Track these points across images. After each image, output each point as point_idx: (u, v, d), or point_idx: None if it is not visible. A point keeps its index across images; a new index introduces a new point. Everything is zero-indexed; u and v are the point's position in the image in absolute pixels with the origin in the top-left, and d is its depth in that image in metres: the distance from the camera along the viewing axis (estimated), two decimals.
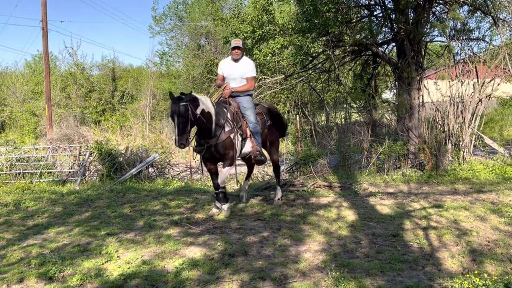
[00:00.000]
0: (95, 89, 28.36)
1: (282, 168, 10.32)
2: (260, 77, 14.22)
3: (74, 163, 11.74)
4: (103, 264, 4.64)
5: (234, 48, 6.92)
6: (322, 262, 4.54)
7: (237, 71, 6.96)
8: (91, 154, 11.58)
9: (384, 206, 7.09)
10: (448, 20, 10.48)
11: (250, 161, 7.49)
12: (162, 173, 11.42)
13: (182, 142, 5.94)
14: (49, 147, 12.49)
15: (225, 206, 6.77)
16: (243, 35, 13.19)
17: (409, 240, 5.23)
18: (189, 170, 11.47)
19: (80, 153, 11.84)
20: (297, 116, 12.61)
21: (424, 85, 11.08)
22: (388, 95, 19.76)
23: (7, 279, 4.28)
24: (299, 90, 15.93)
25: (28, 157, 11.94)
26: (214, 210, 6.86)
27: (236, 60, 6.97)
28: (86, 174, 11.39)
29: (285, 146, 13.10)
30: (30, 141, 17.92)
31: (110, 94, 28.75)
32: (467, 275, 3.98)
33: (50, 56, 24.88)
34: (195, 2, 29.35)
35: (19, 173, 11.28)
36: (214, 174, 6.89)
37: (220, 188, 6.74)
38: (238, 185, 9.69)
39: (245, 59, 7.08)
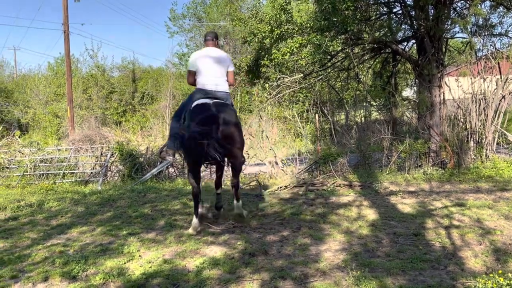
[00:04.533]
0: (116, 91, 28.72)
1: (301, 167, 10.29)
2: (278, 76, 14.21)
3: (96, 164, 11.90)
4: (125, 263, 4.69)
5: None
6: (342, 262, 4.52)
7: None
8: (112, 154, 11.72)
9: (405, 205, 7.03)
10: (470, 15, 10.31)
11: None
12: (182, 173, 11.49)
13: None
14: (72, 148, 12.69)
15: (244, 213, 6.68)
16: (261, 34, 13.21)
17: (431, 239, 5.17)
18: (208, 170, 11.52)
19: (101, 153, 11.99)
20: (316, 115, 12.58)
21: (445, 82, 10.93)
22: (408, 92, 19.56)
23: (33, 278, 4.36)
24: (318, 88, 15.88)
25: (51, 158, 12.14)
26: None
27: None
28: (108, 175, 11.53)
29: (305, 145, 13.06)
30: (53, 142, 18.23)
31: (130, 95, 29.08)
32: (491, 275, 3.92)
33: (72, 59, 25.30)
34: (213, 2, 29.48)
35: (42, 174, 11.47)
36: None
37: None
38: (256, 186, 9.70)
39: None
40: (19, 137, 15.11)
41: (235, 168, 6.39)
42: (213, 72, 6.20)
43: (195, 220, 5.87)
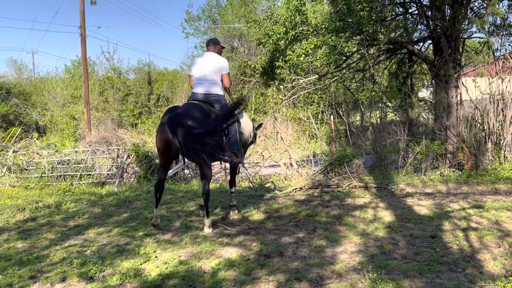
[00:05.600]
0: (132, 93, 28.97)
1: (316, 169, 10.27)
2: (293, 77, 14.20)
3: (112, 165, 12.02)
4: (141, 264, 4.72)
5: None
6: (358, 264, 4.50)
7: None
8: (128, 156, 11.83)
9: (422, 207, 6.96)
10: (487, 15, 10.18)
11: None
12: (198, 175, 11.53)
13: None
14: (88, 150, 12.84)
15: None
16: (276, 36, 13.18)
17: (449, 242, 5.11)
18: (223, 171, 11.55)
19: (118, 155, 12.11)
20: (331, 116, 12.53)
21: (462, 82, 10.80)
22: (424, 93, 19.38)
23: (51, 278, 4.41)
24: (333, 90, 15.82)
25: (68, 159, 12.31)
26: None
27: None
28: (124, 176, 11.64)
29: (320, 146, 13.03)
30: (70, 144, 18.47)
31: (146, 98, 29.30)
32: (510, 278, 3.86)
33: (88, 61, 25.58)
34: (228, 4, 29.58)
35: (60, 176, 11.63)
36: None
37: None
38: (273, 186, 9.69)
39: None
40: (37, 139, 15.34)
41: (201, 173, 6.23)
42: (204, 76, 6.50)
43: (155, 212, 6.21)
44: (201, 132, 5.55)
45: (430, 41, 11.96)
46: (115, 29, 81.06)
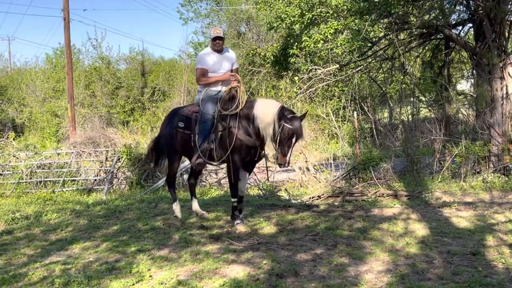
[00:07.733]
0: (123, 86, 29.04)
1: (337, 174, 10.25)
2: (310, 67, 14.19)
3: (100, 170, 12.07)
4: (133, 284, 4.74)
5: (215, 39, 7.11)
6: (387, 285, 4.48)
7: (224, 64, 7.21)
8: (119, 159, 11.87)
9: (461, 219, 6.93)
10: None
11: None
12: (199, 181, 11.55)
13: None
14: (73, 152, 12.90)
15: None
16: (290, 19, 13.19)
17: (493, 259, 5.08)
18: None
19: (106, 158, 12.17)
20: (355, 112, 12.51)
21: (508, 73, 10.75)
22: (464, 86, 19.30)
23: None
24: (356, 81, 15.78)
25: (49, 163, 12.38)
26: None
27: (219, 51, 7.18)
28: (114, 182, 11.69)
29: (341, 148, 13.01)
30: (52, 145, 18.56)
31: (139, 91, 29.37)
32: None
33: (73, 49, 25.75)
34: None
35: (40, 182, 11.70)
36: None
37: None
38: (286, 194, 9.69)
39: (230, 51, 7.57)
40: (13, 139, 15.43)
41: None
42: None
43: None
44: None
45: (470, 25, 11.92)
46: (103, 12, 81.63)
